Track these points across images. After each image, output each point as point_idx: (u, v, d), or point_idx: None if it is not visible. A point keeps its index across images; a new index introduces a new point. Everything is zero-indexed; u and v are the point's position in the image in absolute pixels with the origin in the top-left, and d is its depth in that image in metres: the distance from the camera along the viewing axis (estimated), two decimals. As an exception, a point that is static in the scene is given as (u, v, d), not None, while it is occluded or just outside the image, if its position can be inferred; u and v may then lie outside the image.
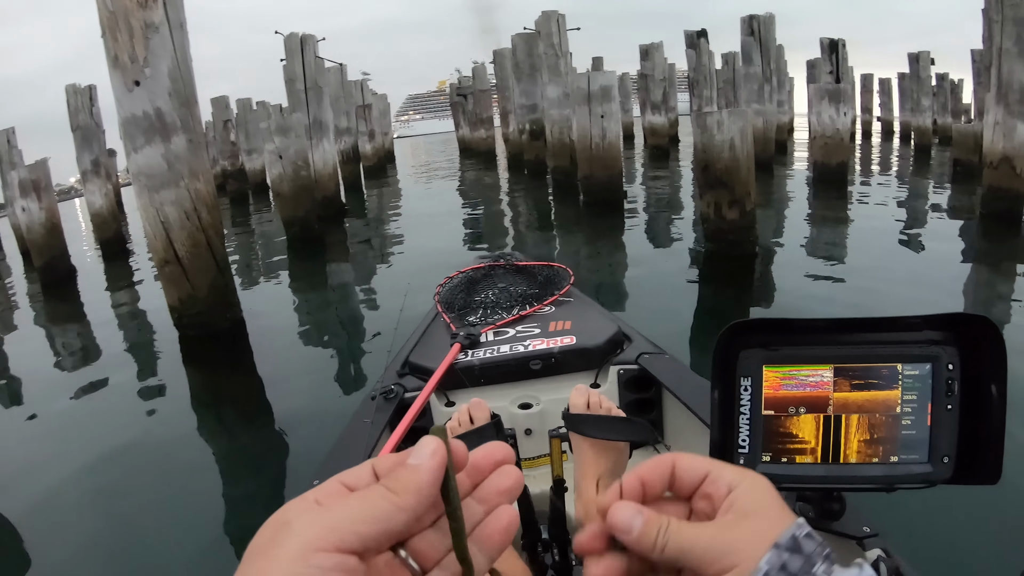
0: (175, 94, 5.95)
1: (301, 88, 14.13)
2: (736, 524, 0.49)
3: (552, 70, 15.56)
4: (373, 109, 29.04)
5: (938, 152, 22.66)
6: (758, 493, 0.51)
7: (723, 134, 7.24)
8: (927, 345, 1.07)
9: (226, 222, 18.33)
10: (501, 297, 3.19)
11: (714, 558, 0.48)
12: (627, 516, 0.50)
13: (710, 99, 22.69)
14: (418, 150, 54.13)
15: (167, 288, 6.27)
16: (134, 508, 3.69)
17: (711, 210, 7.69)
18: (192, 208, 6.07)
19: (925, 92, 25.17)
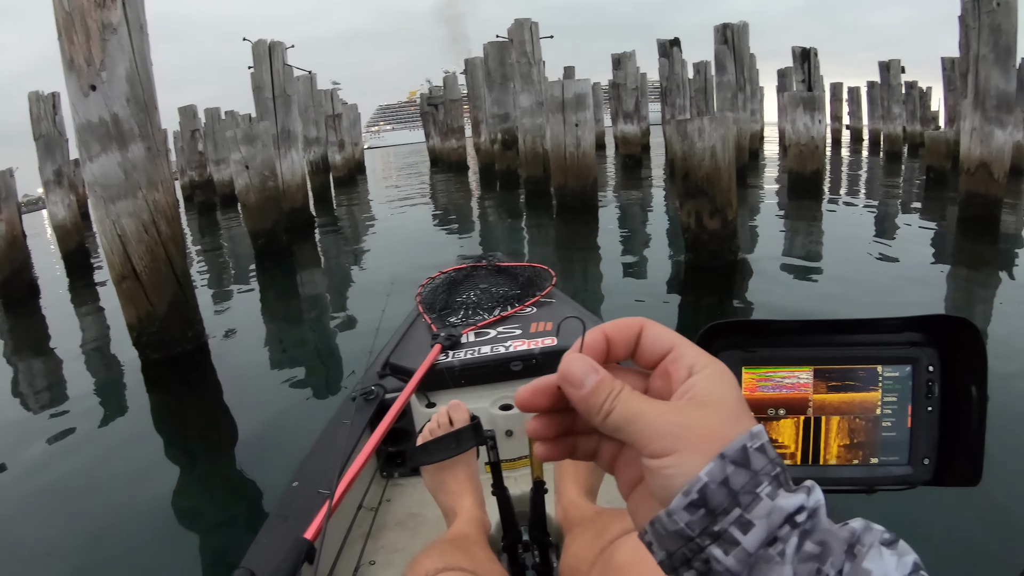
0: (133, 99, 5.63)
1: (269, 96, 13.77)
2: (687, 410, 0.45)
3: (525, 78, 15.38)
4: (343, 119, 28.78)
5: (908, 159, 22.95)
6: (719, 384, 0.46)
7: (704, 141, 7.05)
8: (907, 347, 1.02)
9: (194, 233, 18.19)
10: (483, 298, 3.16)
11: (654, 437, 0.44)
12: (582, 370, 0.47)
13: (683, 108, 22.62)
14: (388, 164, 53.64)
15: (125, 306, 5.93)
16: (88, 541, 3.46)
17: (691, 220, 7.50)
18: (151, 220, 5.74)
19: (896, 100, 25.47)
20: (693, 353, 0.48)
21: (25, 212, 31.18)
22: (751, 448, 0.43)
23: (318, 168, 21.47)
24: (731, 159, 7.25)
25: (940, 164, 15.89)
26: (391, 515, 2.20)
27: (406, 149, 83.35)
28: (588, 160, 12.15)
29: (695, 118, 7.17)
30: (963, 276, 7.56)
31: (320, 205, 18.57)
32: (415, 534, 2.07)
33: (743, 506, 0.42)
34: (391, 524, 2.15)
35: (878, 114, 28.62)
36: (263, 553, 1.58)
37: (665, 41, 23.29)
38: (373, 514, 2.19)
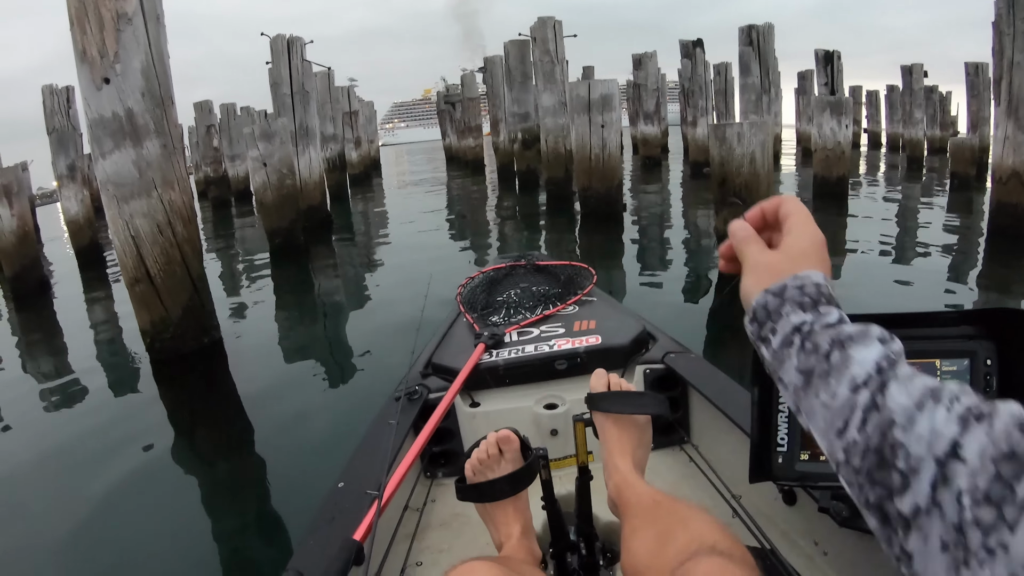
0: (148, 93, 5.35)
1: (287, 92, 13.50)
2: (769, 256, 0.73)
3: (547, 77, 15.09)
4: (360, 116, 28.54)
5: (928, 164, 22.61)
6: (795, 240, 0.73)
7: (743, 147, 6.75)
8: (964, 340, 1.07)
9: (207, 230, 17.96)
10: (523, 297, 3.19)
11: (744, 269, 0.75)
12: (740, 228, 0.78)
13: (704, 109, 22.29)
14: (402, 161, 53.50)
15: (138, 310, 5.66)
16: (107, 547, 3.37)
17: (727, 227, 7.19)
18: (166, 221, 5.47)
19: (918, 104, 24.99)
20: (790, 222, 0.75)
21: (40, 205, 31.37)
22: (791, 285, 0.68)
23: (335, 165, 21.24)
24: (770, 165, 6.96)
25: (964, 171, 15.60)
26: (435, 515, 2.20)
27: (422, 147, 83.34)
28: (613, 162, 11.83)
29: (734, 123, 6.86)
30: (995, 285, 7.36)
31: (337, 203, 18.29)
32: (459, 534, 2.06)
33: (773, 321, 0.67)
34: (436, 524, 2.15)
35: (897, 118, 28.24)
36: (310, 554, 1.54)
37: (688, 42, 22.94)
38: (418, 515, 2.18)
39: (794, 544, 1.72)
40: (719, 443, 2.17)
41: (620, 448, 1.48)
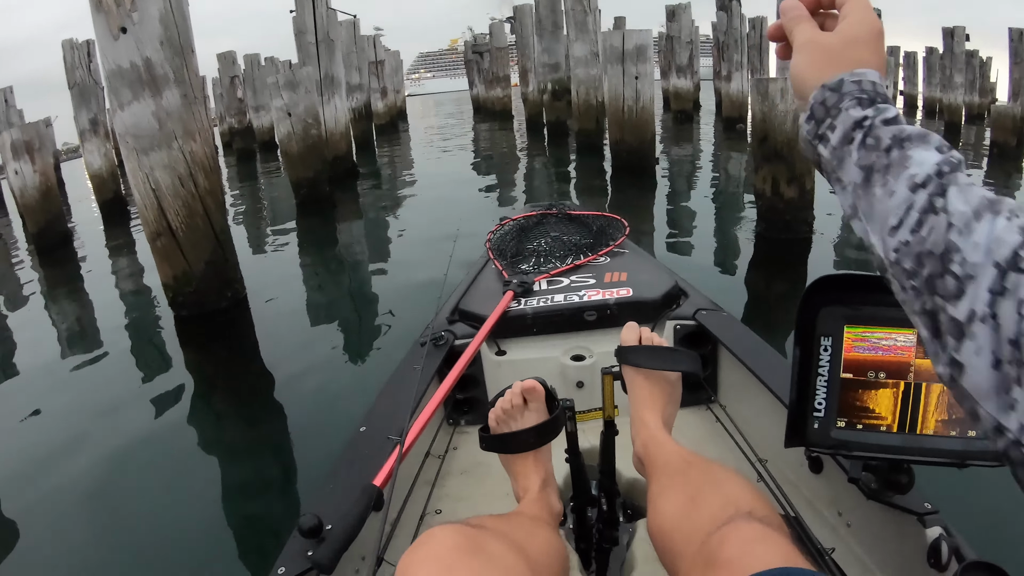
0: (167, 42, 5.14)
1: (312, 41, 13.23)
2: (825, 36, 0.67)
3: (580, 27, 14.66)
4: (386, 65, 28.19)
5: (966, 130, 22.11)
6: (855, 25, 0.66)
7: (787, 103, 6.44)
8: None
9: (233, 182, 17.91)
10: (554, 246, 3.12)
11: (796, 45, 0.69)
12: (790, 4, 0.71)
13: (740, 64, 21.65)
14: (428, 111, 53.12)
15: (160, 264, 5.54)
16: (131, 501, 3.37)
17: (767, 186, 6.90)
18: (187, 173, 5.31)
19: (958, 68, 24.16)
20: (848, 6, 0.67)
21: (66, 160, 31.51)
22: (848, 80, 0.62)
23: (360, 116, 20.98)
24: (813, 122, 6.64)
25: (1005, 139, 15.11)
26: (457, 463, 2.18)
27: (448, 96, 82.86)
28: (647, 115, 11.50)
29: (777, 78, 6.55)
30: None
31: (362, 154, 18.13)
32: (480, 483, 2.04)
33: (832, 117, 0.62)
34: (456, 472, 2.13)
35: (935, 81, 27.37)
36: (329, 498, 1.51)
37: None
38: (440, 462, 2.16)
39: (818, 513, 1.69)
40: (747, 405, 2.13)
41: (650, 404, 1.46)
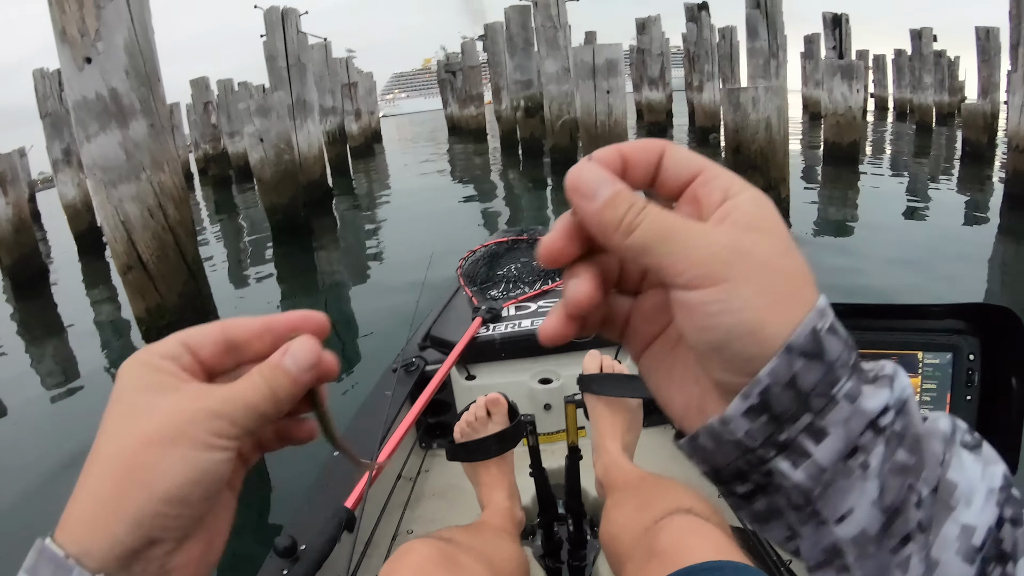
0: (133, 71, 5.09)
1: (283, 65, 13.19)
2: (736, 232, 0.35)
3: (550, 43, 14.75)
4: (359, 87, 28.16)
5: (937, 130, 22.38)
6: (767, 209, 0.36)
7: (759, 112, 6.48)
8: (948, 334, 1.06)
9: (209, 208, 17.77)
10: (524, 271, 3.13)
11: (695, 260, 0.34)
12: (596, 178, 0.37)
13: (711, 74, 21.83)
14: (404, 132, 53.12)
15: (132, 297, 5.46)
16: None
17: (742, 197, 6.93)
18: (156, 204, 5.24)
19: (927, 69, 24.52)
20: (728, 175, 0.38)
21: (41, 190, 31.20)
22: (822, 330, 0.33)
23: (335, 138, 20.94)
24: (785, 132, 6.69)
25: (977, 137, 15.24)
26: (429, 485, 2.23)
27: (422, 117, 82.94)
28: (620, 129, 11.59)
29: (748, 87, 6.58)
30: (1010, 256, 7.21)
31: (338, 176, 18.09)
32: (453, 504, 2.08)
33: (815, 411, 0.33)
34: (429, 494, 2.18)
35: (905, 83, 27.82)
36: (305, 520, 1.57)
37: (693, 5, 22.40)
38: (412, 484, 2.22)
39: None
40: None
41: (610, 431, 1.47)
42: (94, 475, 0.38)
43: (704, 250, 0.34)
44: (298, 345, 0.43)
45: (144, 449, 0.38)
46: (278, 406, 0.42)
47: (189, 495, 0.38)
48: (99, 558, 0.37)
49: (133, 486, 0.37)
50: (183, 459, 0.38)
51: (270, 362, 0.42)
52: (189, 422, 0.39)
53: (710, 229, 0.35)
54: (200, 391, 0.40)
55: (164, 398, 0.40)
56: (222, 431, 0.39)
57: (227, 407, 0.40)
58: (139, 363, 0.41)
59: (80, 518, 0.38)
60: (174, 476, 0.38)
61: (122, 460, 0.38)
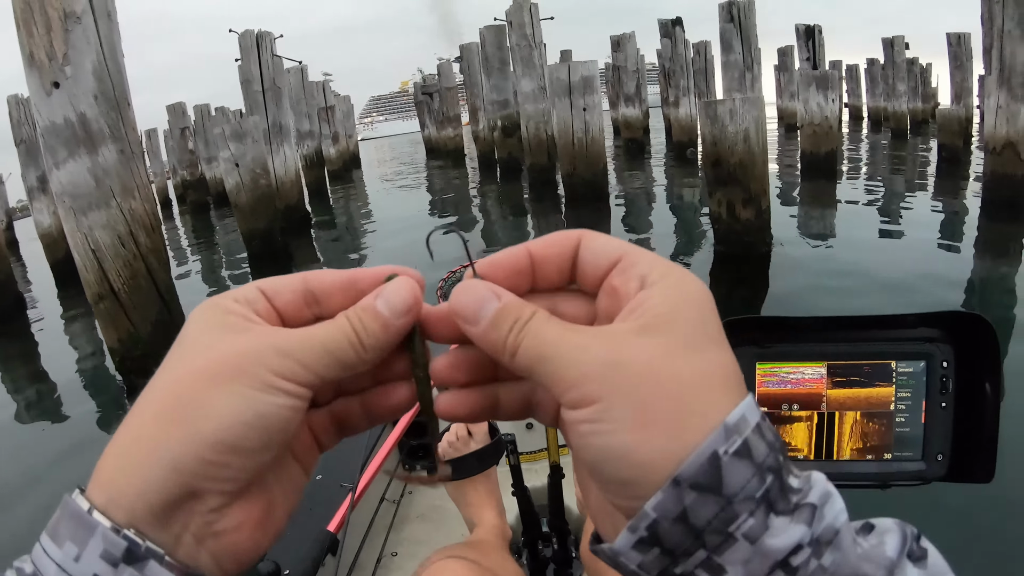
0: (102, 96, 4.99)
1: (258, 89, 13.12)
2: (624, 340, 0.32)
3: (526, 62, 14.76)
4: (336, 111, 28.12)
5: (912, 137, 22.74)
6: (679, 299, 0.34)
7: (736, 124, 6.44)
8: (921, 343, 1.05)
9: (187, 234, 17.57)
10: None
11: (572, 380, 0.32)
12: (475, 299, 0.36)
13: (687, 89, 21.95)
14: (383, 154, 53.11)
15: (105, 328, 5.35)
16: None
17: (722, 209, 6.89)
18: (127, 232, 5.12)
19: (900, 77, 24.83)
20: (647, 260, 0.35)
21: (19, 218, 30.82)
22: (727, 454, 0.30)
23: (312, 162, 20.86)
24: (764, 143, 6.65)
25: (953, 142, 15.47)
26: (413, 507, 2.25)
27: (401, 139, 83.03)
28: (598, 146, 11.54)
29: (726, 99, 6.55)
30: (988, 260, 7.25)
31: (316, 201, 18.00)
32: (437, 526, 2.11)
33: (710, 548, 0.30)
34: (413, 516, 2.20)
35: (878, 92, 28.20)
36: (288, 545, 1.57)
37: (667, 21, 22.57)
38: (395, 506, 2.24)
39: None
40: None
41: None
42: (135, 413, 0.34)
43: (579, 369, 0.32)
44: (394, 286, 0.38)
45: (194, 383, 0.34)
46: (361, 355, 0.37)
47: (241, 440, 0.33)
48: (128, 508, 0.32)
49: (175, 424, 0.33)
50: (239, 397, 0.33)
51: (361, 303, 0.38)
52: (252, 358, 0.34)
53: (590, 341, 0.33)
54: (270, 330, 0.36)
55: (229, 335, 0.35)
56: (289, 372, 0.34)
57: (299, 346, 0.35)
58: (210, 305, 0.37)
59: (113, 460, 0.33)
60: (224, 416, 0.33)
61: (168, 395, 0.34)
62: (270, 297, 0.39)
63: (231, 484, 0.34)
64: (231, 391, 0.33)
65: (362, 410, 0.43)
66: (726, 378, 0.32)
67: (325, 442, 0.43)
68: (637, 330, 0.32)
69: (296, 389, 0.35)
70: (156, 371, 0.35)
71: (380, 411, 0.43)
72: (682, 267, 0.35)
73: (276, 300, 0.39)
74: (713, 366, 0.32)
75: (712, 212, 7.11)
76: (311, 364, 0.35)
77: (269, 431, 0.34)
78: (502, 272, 0.38)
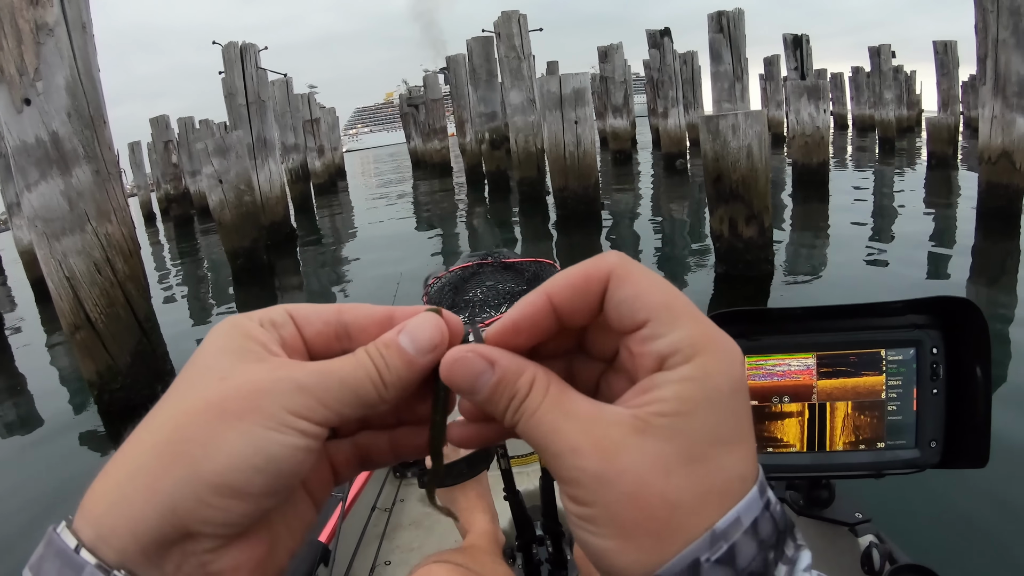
0: (76, 113, 4.69)
1: (242, 103, 12.83)
2: (623, 442, 0.31)
3: (515, 74, 14.51)
4: (322, 123, 27.84)
5: (897, 144, 22.77)
6: (699, 399, 0.31)
7: (739, 140, 6.21)
8: (910, 329, 1.06)
9: (172, 251, 17.25)
10: (489, 295, 3.01)
11: (567, 478, 0.32)
12: (471, 373, 0.34)
13: (675, 100, 21.81)
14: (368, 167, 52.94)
15: (82, 359, 5.03)
16: None
17: (724, 227, 6.66)
18: (104, 258, 4.82)
19: (887, 85, 24.89)
20: (676, 335, 0.32)
21: (3, 231, 30.34)
22: (707, 562, 0.29)
23: (297, 176, 20.54)
24: (767, 159, 6.42)
25: (942, 150, 15.53)
26: (405, 515, 2.23)
27: (386, 151, 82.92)
28: (590, 159, 11.31)
29: (728, 114, 6.32)
30: (985, 269, 7.25)
31: (301, 215, 17.74)
32: (430, 533, 2.09)
33: None
34: (406, 524, 2.18)
35: (864, 99, 28.37)
36: None
37: (655, 31, 22.42)
38: (387, 515, 2.21)
39: None
40: None
41: None
42: (134, 442, 0.32)
43: (571, 473, 0.31)
44: (419, 322, 0.36)
45: (201, 417, 0.31)
46: (383, 393, 0.34)
47: (245, 484, 0.31)
48: (119, 547, 0.30)
49: (176, 461, 0.30)
50: (246, 437, 0.31)
51: (383, 338, 0.36)
52: (268, 393, 0.32)
53: (583, 442, 0.31)
54: (288, 362, 0.34)
55: (244, 364, 0.33)
56: (304, 410, 0.32)
57: (317, 382, 0.33)
58: (231, 324, 0.35)
59: (105, 494, 0.31)
60: (230, 457, 0.30)
61: (171, 428, 0.31)
62: (300, 325, 0.36)
63: (231, 528, 0.31)
64: (241, 430, 0.31)
65: (389, 445, 0.39)
66: (728, 484, 0.31)
67: (345, 474, 0.40)
68: (638, 428, 0.31)
69: (312, 429, 0.32)
70: (164, 394, 0.33)
71: (408, 449, 0.39)
72: (719, 339, 0.32)
73: (306, 329, 0.36)
74: (714, 477, 0.30)
75: (713, 230, 6.87)
76: (330, 402, 0.33)
77: (279, 475, 0.31)
78: (518, 337, 0.35)
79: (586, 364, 0.39)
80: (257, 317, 0.35)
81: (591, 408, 0.32)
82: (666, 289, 0.33)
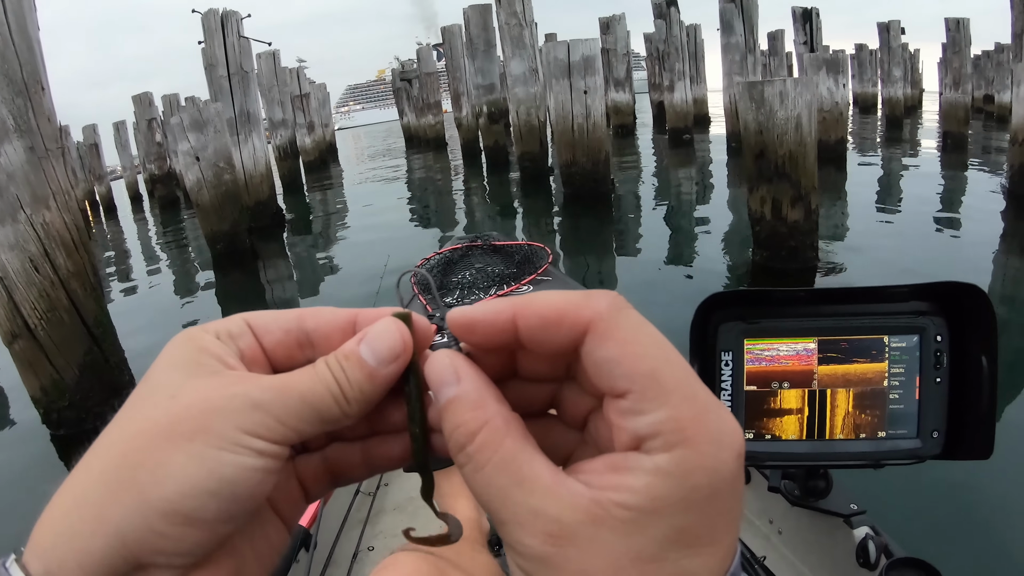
0: (4, 78, 3.85)
1: (223, 75, 11.93)
2: (583, 531, 0.27)
3: (516, 42, 13.62)
4: (312, 99, 26.93)
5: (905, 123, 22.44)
6: (672, 499, 0.27)
7: (787, 110, 5.42)
8: (914, 316, 1.03)
9: (156, 233, 16.42)
10: (478, 277, 3.10)
11: (513, 546, 0.29)
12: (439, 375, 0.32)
13: (682, 73, 20.95)
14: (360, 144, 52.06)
15: (23, 373, 4.26)
16: None
17: (766, 208, 5.88)
18: (41, 252, 4.00)
19: (896, 62, 24.19)
20: (660, 416, 0.28)
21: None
22: None
23: (286, 153, 19.71)
24: (815, 133, 5.66)
25: (958, 130, 15.01)
26: (389, 499, 2.21)
27: (378, 128, 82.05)
28: (600, 132, 10.51)
29: (775, 80, 5.53)
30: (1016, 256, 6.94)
31: (290, 195, 16.97)
32: (414, 518, 2.06)
33: None
34: (389, 508, 2.17)
35: (866, 77, 27.70)
36: None
37: (661, 1, 21.56)
38: (371, 499, 2.17)
39: (750, 523, 1.73)
40: None
41: None
42: (82, 468, 0.30)
43: (514, 544, 0.29)
44: (379, 329, 0.33)
45: (148, 440, 0.29)
46: (345, 408, 0.32)
47: (198, 510, 0.29)
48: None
49: (123, 488, 0.28)
50: (197, 459, 0.29)
51: (342, 349, 0.33)
52: (218, 411, 0.30)
53: (530, 521, 0.28)
54: (243, 377, 0.32)
55: (196, 380, 0.31)
56: (260, 428, 0.30)
57: (274, 398, 0.31)
58: (185, 339, 0.33)
59: (52, 525, 0.29)
60: (180, 481, 0.28)
61: (117, 452, 0.29)
62: (259, 335, 0.34)
63: (187, 558, 0.29)
64: (190, 452, 0.29)
65: (362, 458, 0.37)
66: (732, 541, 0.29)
67: (315, 492, 0.37)
68: (595, 517, 0.27)
69: (269, 448, 0.30)
70: (116, 414, 0.31)
71: (382, 461, 0.37)
72: (712, 425, 0.27)
73: (265, 339, 0.34)
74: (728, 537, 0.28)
75: (753, 212, 6.07)
76: (287, 419, 0.31)
77: (234, 499, 0.29)
78: (472, 335, 0.33)
79: (578, 396, 0.34)
80: (213, 329, 0.33)
81: (547, 479, 0.28)
82: (655, 353, 0.29)
